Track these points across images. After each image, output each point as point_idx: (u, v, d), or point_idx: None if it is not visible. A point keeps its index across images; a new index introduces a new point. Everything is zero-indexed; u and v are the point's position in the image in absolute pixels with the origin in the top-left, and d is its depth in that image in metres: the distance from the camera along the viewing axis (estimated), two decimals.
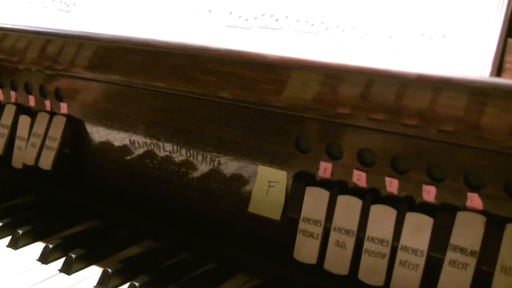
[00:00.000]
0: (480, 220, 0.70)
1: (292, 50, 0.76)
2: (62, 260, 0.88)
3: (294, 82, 0.73)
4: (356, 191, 0.79)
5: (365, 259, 0.77)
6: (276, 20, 0.80)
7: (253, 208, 0.88)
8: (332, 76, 0.71)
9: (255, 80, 0.76)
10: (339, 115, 0.74)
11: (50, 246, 0.89)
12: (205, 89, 0.80)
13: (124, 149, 1.01)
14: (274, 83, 0.74)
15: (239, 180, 0.89)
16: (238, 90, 0.77)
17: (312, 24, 0.77)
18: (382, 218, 0.76)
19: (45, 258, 0.89)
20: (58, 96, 1.08)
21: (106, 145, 1.03)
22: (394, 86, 0.69)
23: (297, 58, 0.72)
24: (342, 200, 0.79)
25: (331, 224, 0.80)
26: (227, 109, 0.88)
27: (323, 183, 0.81)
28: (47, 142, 1.07)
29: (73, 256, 0.86)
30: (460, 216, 0.72)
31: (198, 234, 0.93)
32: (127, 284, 0.82)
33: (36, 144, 1.08)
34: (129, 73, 0.86)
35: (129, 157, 1.01)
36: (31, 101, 1.11)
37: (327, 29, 0.76)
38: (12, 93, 1.13)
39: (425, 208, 0.74)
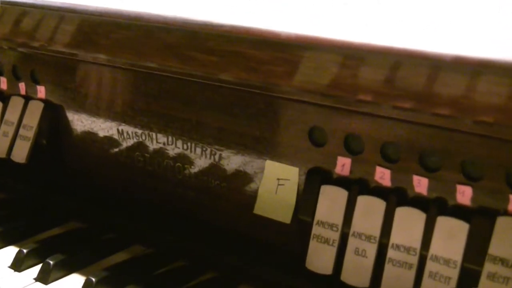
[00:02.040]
0: None
1: (304, 27, 0.76)
2: (38, 267, 0.88)
3: (309, 63, 0.73)
4: (378, 191, 0.79)
5: (388, 270, 0.77)
6: None
7: (259, 209, 0.88)
8: (354, 57, 0.71)
9: (264, 61, 0.75)
10: (360, 103, 0.74)
11: (24, 251, 0.90)
12: (205, 71, 0.80)
13: (111, 140, 1.01)
14: (286, 65, 0.74)
15: (243, 177, 0.89)
16: (243, 72, 0.77)
17: None
18: (409, 222, 0.76)
19: (18, 264, 0.89)
20: (35, 78, 1.08)
21: (90, 136, 1.03)
22: (425, 69, 0.68)
23: (315, 36, 0.72)
24: (363, 201, 0.79)
25: (350, 229, 0.80)
26: (229, 95, 0.87)
27: (341, 181, 0.81)
28: (22, 132, 1.07)
29: (51, 262, 0.87)
30: (501, 221, 0.71)
31: (195, 239, 0.93)
32: None
33: (9, 134, 1.08)
34: (118, 51, 0.86)
35: (116, 150, 1.01)
36: (3, 83, 1.11)
37: (345, 4, 0.76)
38: None
39: (459, 212, 0.74)
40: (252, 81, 0.78)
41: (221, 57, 0.78)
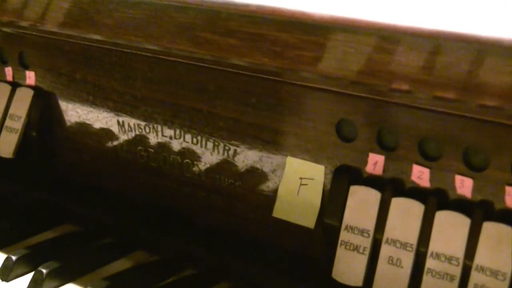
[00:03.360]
0: None
1: (336, 7, 0.75)
2: (29, 276, 0.88)
3: (342, 47, 0.73)
4: (416, 193, 0.78)
5: (427, 282, 0.76)
6: None
7: (278, 212, 0.87)
8: (391, 40, 0.71)
9: (291, 45, 0.75)
10: (396, 92, 0.73)
11: (13, 257, 0.90)
12: (222, 56, 0.80)
13: (110, 133, 1.00)
14: (316, 49, 0.74)
15: (260, 176, 0.89)
16: (266, 57, 0.77)
17: None
18: (450, 228, 0.75)
19: (6, 273, 0.89)
20: (23, 62, 1.08)
21: (86, 128, 1.03)
22: (471, 55, 0.68)
23: (352, 18, 0.72)
24: (398, 204, 0.78)
25: (383, 235, 0.79)
26: (246, 82, 0.87)
27: (373, 181, 0.81)
28: (8, 122, 1.07)
29: (43, 271, 0.86)
30: None
31: (205, 244, 0.93)
32: None
33: None
34: (122, 32, 0.86)
35: (116, 143, 1.00)
36: None
37: None
38: None
39: (508, 217, 0.73)
40: (276, 67, 0.78)
41: (242, 40, 0.78)
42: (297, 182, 0.86)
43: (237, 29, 0.78)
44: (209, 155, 0.93)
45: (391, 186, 0.79)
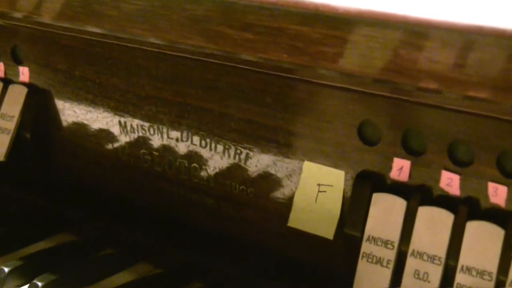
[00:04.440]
0: None
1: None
2: None
3: (367, 43, 0.73)
4: (445, 201, 0.78)
5: None
6: None
7: (294, 222, 0.87)
8: (420, 35, 0.71)
9: (313, 40, 0.75)
10: (424, 92, 0.73)
11: (6, 269, 0.90)
12: (236, 51, 0.80)
13: (111, 135, 1.01)
14: (339, 44, 0.74)
15: (274, 182, 0.89)
16: (285, 53, 0.77)
17: None
18: (482, 240, 0.75)
19: None
20: (16, 57, 1.08)
21: (85, 129, 1.03)
22: (507, 51, 0.67)
23: (380, 11, 0.72)
24: (425, 213, 0.78)
25: (408, 247, 0.79)
26: (261, 80, 0.87)
27: (397, 188, 0.81)
28: (0, 123, 1.07)
29: (39, 284, 0.86)
30: None
31: (214, 256, 0.93)
32: None
33: None
34: (127, 25, 0.86)
35: (117, 146, 1.01)
36: None
37: None
38: None
39: None
40: (296, 64, 0.78)
41: (259, 35, 0.78)
42: (315, 189, 0.86)
43: (254, 22, 0.78)
44: (219, 159, 0.93)
45: (418, 194, 0.79)
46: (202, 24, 0.81)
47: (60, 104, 1.05)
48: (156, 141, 0.97)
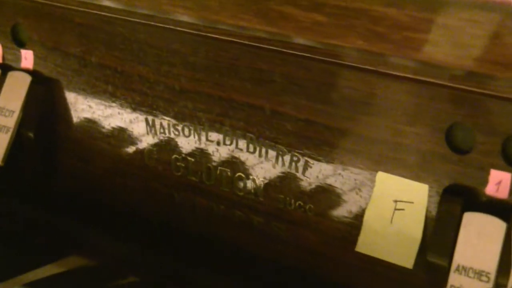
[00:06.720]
0: None
1: None
2: None
3: (464, 28, 0.73)
4: None
5: None
6: None
7: (364, 246, 0.87)
8: None
9: (400, 24, 0.75)
10: None
11: None
12: (301, 35, 0.80)
13: (134, 136, 1.01)
14: (430, 30, 0.74)
15: (339, 197, 0.89)
16: (362, 39, 0.77)
17: None
18: None
19: None
20: (18, 38, 1.09)
21: (102, 128, 1.04)
22: None
23: None
24: None
25: (509, 279, 0.79)
26: (324, 72, 0.87)
27: (495, 207, 0.80)
28: None
29: None
30: None
31: (263, 286, 0.94)
32: None
33: None
34: (162, 2, 0.87)
35: (142, 149, 1.01)
36: None
37: None
38: None
39: None
40: (374, 53, 0.78)
41: (332, 17, 0.78)
42: (391, 207, 0.86)
43: (327, 1, 0.78)
44: (270, 168, 0.93)
45: None
46: (261, 2, 0.82)
47: (71, 97, 1.05)
48: (192, 145, 0.97)
